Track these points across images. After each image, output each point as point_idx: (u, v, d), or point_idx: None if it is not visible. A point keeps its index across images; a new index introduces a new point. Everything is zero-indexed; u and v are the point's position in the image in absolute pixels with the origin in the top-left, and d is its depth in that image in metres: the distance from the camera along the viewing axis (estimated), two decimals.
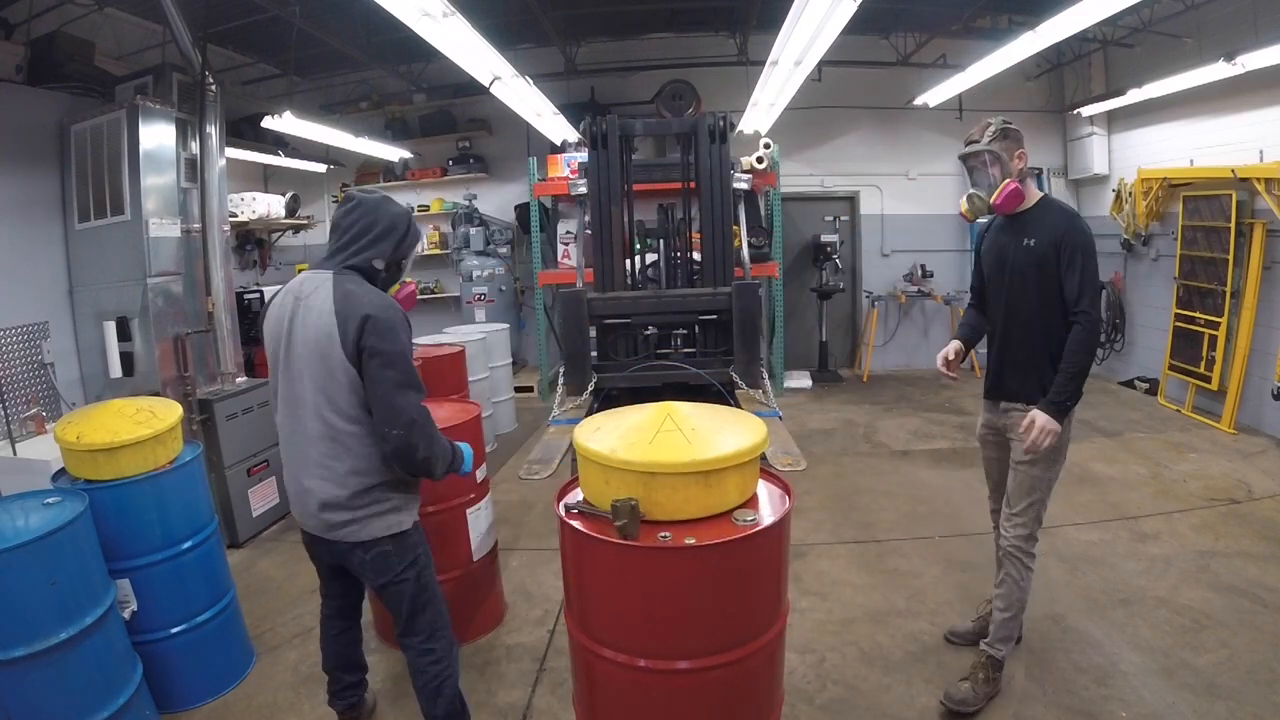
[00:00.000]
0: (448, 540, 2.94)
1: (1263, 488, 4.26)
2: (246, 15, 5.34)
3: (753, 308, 3.26)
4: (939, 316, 8.05)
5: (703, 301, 3.37)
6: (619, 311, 3.40)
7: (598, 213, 3.58)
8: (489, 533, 3.15)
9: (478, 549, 3.06)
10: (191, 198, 4.29)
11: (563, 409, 3.22)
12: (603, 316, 3.42)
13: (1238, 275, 5.32)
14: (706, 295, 3.39)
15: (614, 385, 3.34)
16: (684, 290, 3.62)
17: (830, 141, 7.86)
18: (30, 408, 3.85)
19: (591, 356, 3.45)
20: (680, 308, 3.39)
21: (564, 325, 3.36)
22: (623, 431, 1.95)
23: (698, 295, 3.42)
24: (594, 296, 3.40)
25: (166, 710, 2.60)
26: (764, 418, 2.84)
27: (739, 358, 3.26)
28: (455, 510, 2.96)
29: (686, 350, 3.46)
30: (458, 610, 2.90)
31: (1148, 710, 2.44)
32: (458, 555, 2.99)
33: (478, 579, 3.11)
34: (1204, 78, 5.11)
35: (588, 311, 3.34)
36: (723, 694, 1.88)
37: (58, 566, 2.11)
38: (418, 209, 8.15)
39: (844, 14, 3.63)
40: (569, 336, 3.35)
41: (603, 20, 7.05)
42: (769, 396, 3.21)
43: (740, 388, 3.17)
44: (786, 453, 2.58)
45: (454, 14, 3.55)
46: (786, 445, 2.67)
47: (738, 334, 3.28)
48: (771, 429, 2.75)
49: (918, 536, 3.87)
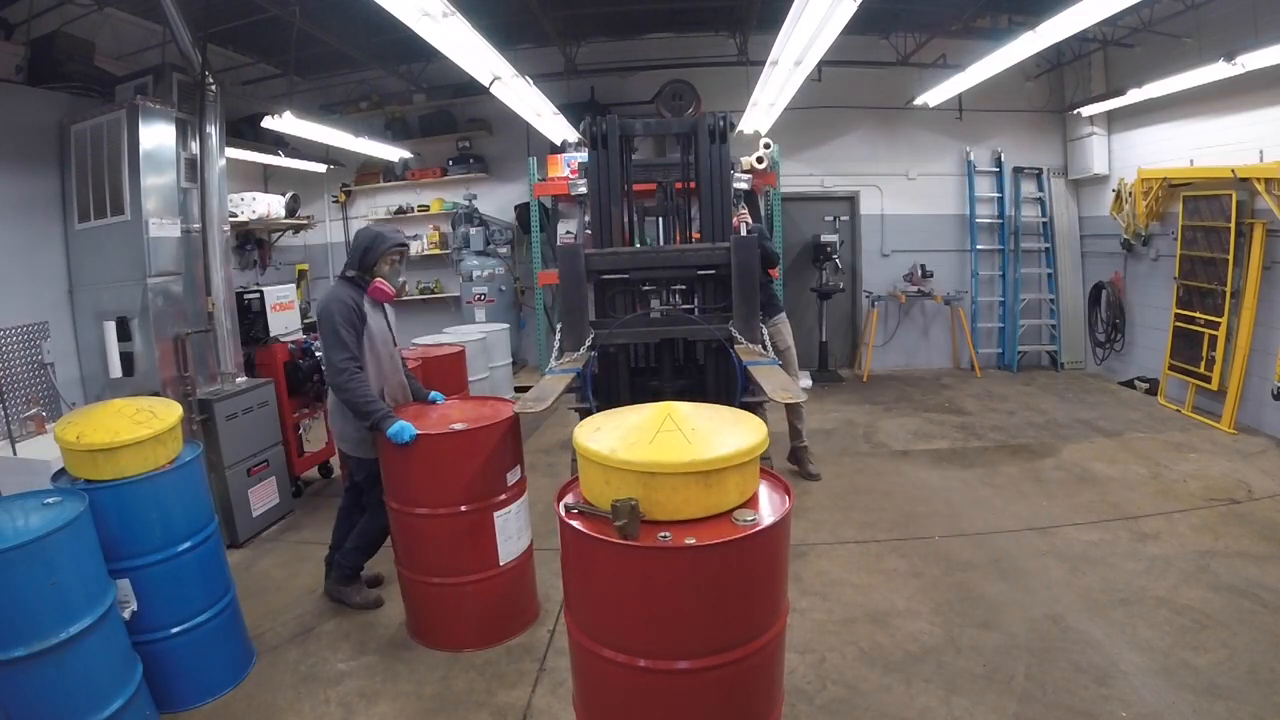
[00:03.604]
0: (474, 541, 2.91)
1: (1263, 488, 4.26)
2: (246, 15, 5.34)
3: (751, 262, 3.21)
4: (939, 316, 8.05)
5: (701, 256, 3.33)
6: (616, 266, 3.35)
7: (598, 213, 3.57)
8: (520, 537, 3.07)
9: (505, 553, 2.97)
10: (191, 198, 4.28)
11: (559, 363, 3.22)
12: (600, 271, 3.36)
13: (1238, 275, 5.32)
14: (705, 250, 3.35)
15: (612, 341, 3.29)
16: (682, 245, 3.57)
17: (830, 141, 7.86)
18: (30, 408, 3.85)
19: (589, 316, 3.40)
20: (678, 262, 3.35)
21: (562, 281, 3.31)
22: (623, 431, 1.95)
23: (696, 250, 3.38)
24: (591, 251, 3.36)
25: (166, 710, 2.60)
26: (764, 365, 2.87)
27: (738, 312, 3.23)
28: (483, 511, 2.90)
29: (685, 308, 3.41)
30: (484, 611, 2.97)
31: (1148, 710, 2.44)
32: (484, 558, 2.94)
33: (505, 584, 3.01)
34: (1204, 78, 5.11)
35: (585, 266, 3.28)
36: (723, 694, 1.88)
37: (58, 566, 2.11)
38: (418, 209, 8.17)
39: (844, 14, 3.62)
40: (566, 292, 3.30)
41: (603, 20, 7.05)
42: (768, 349, 3.21)
43: (740, 343, 3.14)
44: (784, 389, 2.61)
45: (454, 14, 3.55)
46: (785, 384, 2.69)
47: (736, 288, 3.22)
48: (771, 373, 2.81)
49: (918, 536, 3.87)
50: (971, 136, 7.78)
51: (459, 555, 2.91)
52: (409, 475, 2.90)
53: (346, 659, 2.97)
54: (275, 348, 4.72)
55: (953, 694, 2.57)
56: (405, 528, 3.00)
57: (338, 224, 8.51)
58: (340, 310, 3.01)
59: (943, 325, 8.08)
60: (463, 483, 2.85)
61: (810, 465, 4.77)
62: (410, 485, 2.91)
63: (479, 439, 2.87)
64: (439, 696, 2.70)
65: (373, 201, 8.40)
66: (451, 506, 2.86)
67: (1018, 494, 4.38)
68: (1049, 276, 7.85)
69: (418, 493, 2.90)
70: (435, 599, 3.00)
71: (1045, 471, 4.75)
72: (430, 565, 2.95)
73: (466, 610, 2.97)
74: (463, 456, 2.86)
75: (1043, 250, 7.86)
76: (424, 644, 3.02)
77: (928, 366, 8.08)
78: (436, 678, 2.81)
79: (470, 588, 2.94)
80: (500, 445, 2.92)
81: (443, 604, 2.99)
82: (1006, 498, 4.33)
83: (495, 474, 2.91)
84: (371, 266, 3.16)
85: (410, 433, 2.79)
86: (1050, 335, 7.91)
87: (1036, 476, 4.66)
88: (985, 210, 7.89)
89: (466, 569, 2.92)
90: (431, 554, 2.94)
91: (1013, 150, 7.78)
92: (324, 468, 5.22)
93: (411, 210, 8.19)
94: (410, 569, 3.02)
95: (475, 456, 2.86)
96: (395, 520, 3.02)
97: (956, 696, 2.56)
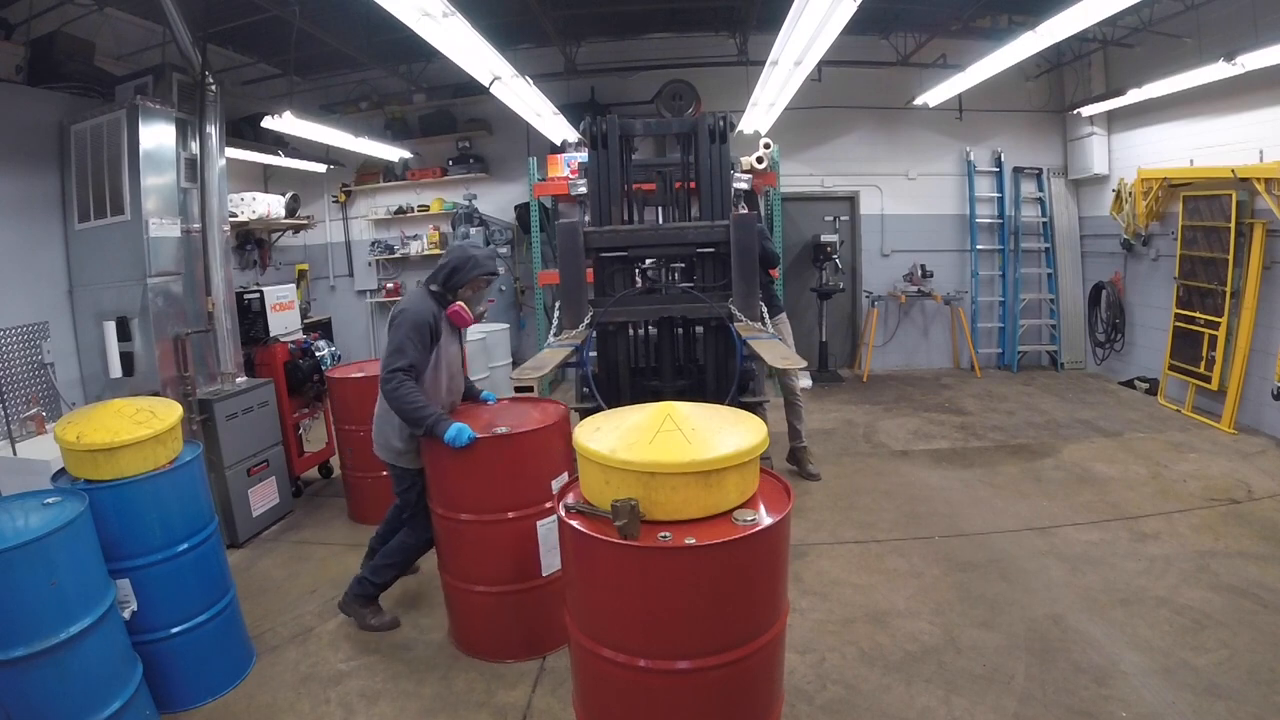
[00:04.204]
0: (516, 550, 2.83)
1: (1263, 488, 4.26)
2: (246, 15, 5.34)
3: (750, 240, 3.20)
4: (939, 316, 8.05)
5: (700, 233, 3.32)
6: (615, 244, 3.34)
7: (598, 213, 3.57)
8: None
9: (548, 565, 2.84)
10: (191, 198, 4.28)
11: (558, 338, 3.21)
12: (599, 249, 3.36)
13: (1238, 275, 5.32)
14: (704, 227, 3.35)
15: (610, 319, 3.29)
16: (681, 223, 3.56)
17: (830, 141, 7.85)
18: (30, 408, 3.85)
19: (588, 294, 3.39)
20: (677, 239, 3.34)
21: (561, 258, 3.30)
22: (623, 431, 1.95)
23: (695, 227, 3.38)
24: (591, 229, 3.36)
25: (166, 710, 2.60)
26: (764, 340, 2.88)
27: (737, 289, 3.22)
28: (526, 520, 2.81)
29: (684, 285, 3.40)
30: (525, 623, 2.88)
31: (1148, 710, 2.44)
32: (525, 569, 2.85)
33: (546, 596, 2.84)
34: (1204, 78, 5.10)
35: (584, 243, 3.27)
36: (723, 694, 1.88)
37: (58, 566, 2.11)
38: (418, 209, 8.16)
39: (844, 14, 3.62)
40: (566, 269, 3.28)
41: (602, 20, 7.05)
42: (767, 325, 3.20)
43: (739, 320, 3.14)
44: (785, 358, 2.64)
45: (454, 14, 3.54)
46: (786, 354, 2.71)
47: (736, 266, 3.21)
48: (772, 345, 2.83)
49: (918, 536, 3.87)
50: (971, 136, 7.78)
51: (501, 563, 2.85)
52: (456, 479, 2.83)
53: (346, 659, 2.97)
54: (275, 348, 4.73)
55: (953, 694, 2.57)
56: (450, 533, 2.93)
57: (337, 224, 8.51)
58: (417, 321, 2.87)
59: (943, 325, 8.08)
60: (506, 489, 2.78)
61: (810, 465, 4.77)
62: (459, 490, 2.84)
63: (524, 443, 2.80)
64: (439, 696, 2.70)
65: (373, 201, 8.40)
66: (498, 513, 2.80)
67: (1018, 494, 4.39)
68: (1049, 276, 7.85)
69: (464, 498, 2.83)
70: (479, 607, 2.93)
71: (1045, 471, 4.75)
72: (472, 573, 2.89)
73: (506, 620, 2.90)
74: (507, 461, 2.78)
75: (1043, 250, 7.86)
76: (467, 654, 2.95)
77: (928, 366, 8.08)
78: (436, 678, 2.81)
79: (512, 597, 2.87)
80: (545, 450, 2.83)
81: (486, 613, 2.92)
82: (1006, 498, 4.33)
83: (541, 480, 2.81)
84: (456, 288, 2.99)
85: (468, 435, 2.69)
86: (1050, 335, 7.91)
87: (1036, 476, 4.66)
88: (985, 210, 7.89)
89: (508, 578, 2.85)
90: (470, 560, 2.88)
91: (1013, 150, 7.78)
92: (324, 468, 5.22)
93: (411, 210, 8.18)
94: (454, 576, 2.96)
95: (520, 461, 2.80)
96: (439, 525, 2.96)
97: (956, 696, 2.56)
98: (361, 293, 8.51)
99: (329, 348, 5.13)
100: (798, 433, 4.78)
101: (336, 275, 8.56)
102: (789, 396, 4.79)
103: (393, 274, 8.42)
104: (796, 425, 4.77)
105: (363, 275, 8.48)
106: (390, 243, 8.28)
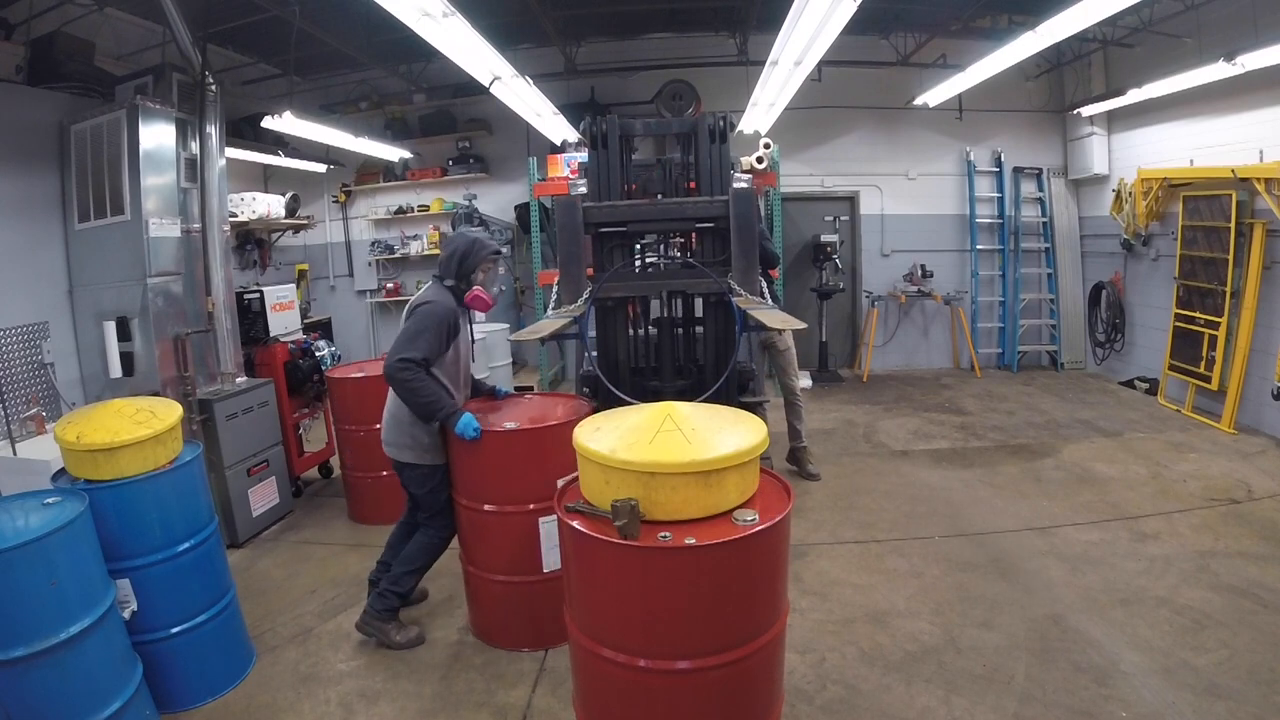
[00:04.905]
0: (518, 544, 2.88)
1: (1263, 488, 4.26)
2: (246, 15, 5.34)
3: (750, 214, 3.20)
4: (939, 317, 8.05)
5: (700, 208, 3.32)
6: (614, 219, 3.33)
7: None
8: None
9: (550, 563, 2.87)
10: (191, 198, 4.28)
11: (555, 312, 3.22)
12: (598, 224, 3.34)
13: (1238, 275, 5.32)
14: (704, 202, 3.35)
15: (609, 294, 3.29)
16: (680, 198, 3.57)
17: (830, 141, 7.86)
18: (30, 408, 3.85)
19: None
20: (677, 214, 3.34)
21: (560, 234, 3.30)
22: (623, 431, 1.95)
23: (695, 202, 3.37)
24: (589, 205, 3.35)
25: (166, 710, 2.60)
26: (764, 310, 2.93)
27: (736, 264, 3.21)
28: (529, 515, 2.85)
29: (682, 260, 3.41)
30: (530, 617, 2.94)
31: (1148, 710, 2.44)
32: (527, 563, 2.89)
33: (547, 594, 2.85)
34: (1204, 78, 5.10)
35: (583, 218, 3.26)
36: (723, 694, 1.88)
37: (58, 566, 2.11)
38: (418, 209, 8.17)
39: (844, 14, 3.62)
40: (564, 244, 3.28)
41: (602, 20, 7.05)
42: (767, 297, 3.21)
43: (739, 294, 3.14)
44: (785, 321, 2.69)
45: (454, 14, 3.55)
46: (786, 319, 2.74)
47: (735, 240, 3.20)
48: (771, 312, 2.89)
49: (918, 536, 3.87)
50: (971, 136, 7.78)
51: (518, 554, 2.90)
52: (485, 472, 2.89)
53: (346, 659, 2.97)
54: (275, 348, 4.73)
55: (953, 694, 2.57)
56: (474, 525, 2.98)
57: (337, 224, 8.51)
58: (440, 317, 2.86)
59: (943, 325, 8.08)
60: (523, 482, 2.83)
61: (810, 465, 4.77)
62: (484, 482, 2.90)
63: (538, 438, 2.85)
64: (439, 696, 2.70)
65: (373, 201, 8.40)
66: (519, 504, 2.85)
67: (1018, 494, 4.39)
68: (1049, 276, 7.85)
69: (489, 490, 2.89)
70: (499, 597, 2.99)
71: (1045, 471, 4.75)
72: (492, 562, 2.95)
73: (523, 610, 2.96)
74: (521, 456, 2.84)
75: (1043, 250, 7.86)
76: (487, 642, 3.02)
77: (928, 366, 8.08)
78: (436, 678, 2.82)
79: (526, 588, 2.93)
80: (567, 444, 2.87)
81: (505, 602, 2.99)
82: (1006, 498, 4.34)
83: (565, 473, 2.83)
84: (469, 275, 2.99)
85: (475, 427, 2.76)
86: (1050, 335, 7.91)
87: (1036, 476, 4.66)
88: (985, 210, 7.89)
89: (524, 569, 2.91)
90: (491, 551, 2.94)
91: (1012, 150, 7.78)
92: (324, 468, 5.22)
93: (411, 210, 8.19)
94: (476, 566, 3.01)
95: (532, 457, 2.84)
96: (463, 516, 3.01)
97: (956, 696, 2.56)
98: (361, 293, 8.51)
99: (329, 348, 5.13)
100: (798, 433, 4.78)
101: (336, 275, 8.57)
102: (789, 396, 4.79)
103: (393, 274, 8.42)
104: (796, 425, 4.77)
105: (363, 275, 8.49)
106: (390, 243, 8.29)
